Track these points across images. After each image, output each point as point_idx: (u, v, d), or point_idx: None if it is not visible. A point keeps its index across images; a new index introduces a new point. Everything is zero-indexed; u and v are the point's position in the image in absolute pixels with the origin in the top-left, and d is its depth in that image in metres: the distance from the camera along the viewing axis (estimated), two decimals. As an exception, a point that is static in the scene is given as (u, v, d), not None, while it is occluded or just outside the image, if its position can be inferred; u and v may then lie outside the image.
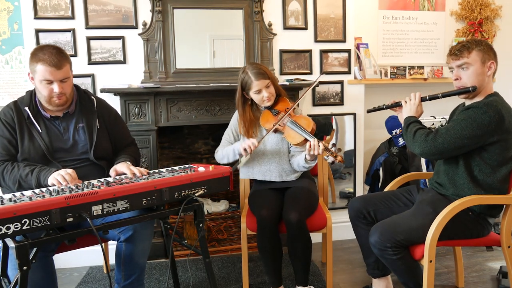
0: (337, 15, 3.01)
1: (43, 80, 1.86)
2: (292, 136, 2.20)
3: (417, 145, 1.87)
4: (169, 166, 2.86)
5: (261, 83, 2.22)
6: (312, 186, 2.37)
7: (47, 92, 1.89)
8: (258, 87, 2.23)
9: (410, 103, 2.03)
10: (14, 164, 1.88)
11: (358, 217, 2.16)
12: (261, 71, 2.23)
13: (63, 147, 1.99)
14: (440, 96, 2.00)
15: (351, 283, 2.51)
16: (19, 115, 1.93)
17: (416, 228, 1.85)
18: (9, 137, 1.92)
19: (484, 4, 3.53)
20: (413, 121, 1.97)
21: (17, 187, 1.85)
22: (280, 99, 2.33)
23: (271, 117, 2.28)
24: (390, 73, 3.44)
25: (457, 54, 1.90)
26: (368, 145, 3.41)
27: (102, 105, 2.14)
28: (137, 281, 2.01)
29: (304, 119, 2.23)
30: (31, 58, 1.88)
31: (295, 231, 2.09)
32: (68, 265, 2.77)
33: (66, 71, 1.90)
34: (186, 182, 1.80)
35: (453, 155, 1.88)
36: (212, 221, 3.01)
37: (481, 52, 1.88)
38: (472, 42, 1.90)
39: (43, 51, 1.86)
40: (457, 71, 1.92)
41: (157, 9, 2.71)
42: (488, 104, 1.81)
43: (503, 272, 2.42)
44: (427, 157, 1.90)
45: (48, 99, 1.92)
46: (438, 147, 1.83)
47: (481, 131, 1.79)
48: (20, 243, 1.45)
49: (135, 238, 1.91)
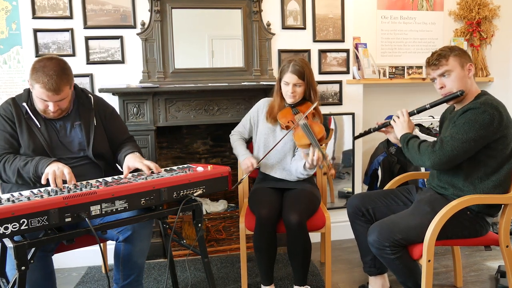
0: (336, 15, 3.01)
1: (39, 98, 1.85)
2: (300, 137, 2.21)
3: (426, 158, 1.86)
4: (168, 166, 2.86)
5: (292, 78, 2.23)
6: (315, 190, 2.37)
7: (42, 107, 1.89)
8: (288, 80, 2.24)
9: (400, 121, 2.03)
10: (16, 155, 1.89)
11: (357, 214, 2.16)
12: (300, 69, 2.22)
13: (60, 144, 1.99)
14: (428, 107, 2.01)
15: (349, 283, 2.52)
16: (17, 110, 1.93)
17: (414, 228, 1.86)
18: (10, 131, 1.91)
19: (483, 4, 3.54)
20: (411, 137, 1.97)
21: (16, 177, 1.84)
22: (306, 103, 2.33)
23: (289, 114, 2.31)
24: (388, 73, 3.45)
25: (435, 64, 1.91)
26: (367, 144, 3.41)
27: (99, 103, 2.14)
28: (136, 281, 2.00)
29: (318, 126, 2.25)
30: (32, 72, 1.82)
31: (295, 233, 2.09)
32: (67, 265, 2.76)
33: (64, 94, 1.86)
34: (184, 182, 1.80)
35: (462, 160, 1.86)
36: (211, 221, 3.01)
37: (458, 57, 1.90)
38: (446, 49, 1.93)
39: (44, 72, 1.79)
40: (440, 79, 1.94)
41: (155, 8, 2.70)
42: (485, 103, 1.82)
43: (502, 271, 2.42)
44: (438, 168, 1.89)
45: (43, 112, 1.92)
46: (447, 155, 1.81)
47: (484, 130, 1.79)
48: (18, 243, 1.44)
49: (134, 238, 1.91)
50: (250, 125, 2.47)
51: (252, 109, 2.49)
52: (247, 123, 2.48)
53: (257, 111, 2.45)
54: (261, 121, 2.43)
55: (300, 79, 2.23)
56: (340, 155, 3.15)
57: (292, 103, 2.31)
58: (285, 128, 2.29)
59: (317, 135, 2.18)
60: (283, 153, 2.36)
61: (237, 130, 2.51)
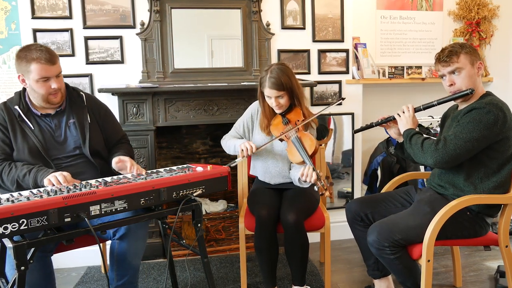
0: (335, 15, 3.01)
1: (40, 78, 1.86)
2: (293, 153, 2.17)
3: (429, 156, 1.84)
4: (167, 166, 2.86)
5: (272, 92, 2.16)
6: (313, 191, 2.36)
7: (45, 90, 1.89)
8: (268, 94, 2.18)
9: (404, 116, 2.01)
10: (12, 164, 1.88)
11: (356, 219, 2.15)
12: (277, 81, 2.13)
13: (55, 143, 1.99)
14: (435, 103, 1.99)
15: (349, 283, 2.52)
16: (9, 114, 1.93)
17: (414, 228, 1.86)
18: (2, 137, 1.92)
19: (482, 4, 3.54)
20: (414, 133, 1.96)
21: (16, 187, 1.85)
22: (295, 109, 2.25)
23: (280, 125, 2.25)
24: (388, 73, 3.45)
25: (446, 60, 1.89)
26: (366, 144, 3.41)
27: (92, 100, 2.15)
28: (130, 283, 1.98)
29: (309, 139, 2.15)
30: (20, 60, 1.88)
31: (292, 232, 2.09)
32: (66, 265, 2.76)
33: (59, 65, 1.94)
34: (184, 182, 1.80)
35: (465, 159, 1.85)
36: (210, 221, 3.01)
37: (468, 55, 1.89)
38: (457, 46, 1.91)
39: (31, 51, 1.86)
40: (449, 77, 1.92)
41: (155, 8, 2.70)
42: (490, 103, 1.82)
43: (501, 271, 2.43)
44: (441, 166, 1.88)
45: (46, 97, 1.92)
46: (450, 154, 1.80)
47: (488, 131, 1.79)
48: (17, 243, 1.44)
49: (128, 236, 1.90)
50: (243, 129, 2.39)
51: (245, 113, 2.42)
52: (240, 128, 2.40)
53: (251, 115, 2.38)
54: (256, 129, 2.36)
55: (280, 91, 2.15)
56: (340, 155, 3.15)
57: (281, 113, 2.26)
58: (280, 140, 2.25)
59: (308, 150, 2.11)
60: (281, 162, 2.32)
61: (228, 135, 2.43)
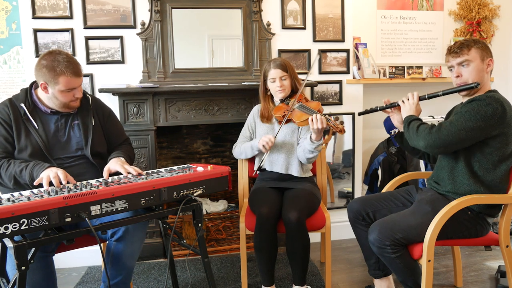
0: (336, 15, 3.01)
1: (66, 89, 1.89)
2: (298, 116, 2.24)
3: (421, 138, 1.87)
4: (168, 166, 2.86)
5: (277, 72, 2.33)
6: (315, 190, 2.37)
7: (68, 99, 1.93)
8: (273, 76, 2.34)
9: (408, 103, 2.03)
10: (11, 161, 1.88)
11: (357, 219, 2.16)
12: (282, 63, 2.35)
13: (58, 143, 1.99)
14: (440, 94, 2.00)
15: (349, 283, 2.51)
16: (15, 111, 1.93)
17: (415, 227, 1.86)
18: (5, 134, 1.91)
19: (483, 4, 3.54)
20: (414, 118, 1.98)
21: (13, 183, 1.84)
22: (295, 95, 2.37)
23: (283, 106, 2.37)
24: (388, 72, 3.45)
25: (457, 52, 1.92)
26: (367, 144, 3.41)
27: (97, 103, 2.15)
28: (123, 283, 1.96)
29: (313, 103, 2.33)
30: (47, 70, 1.85)
31: (294, 231, 2.09)
32: (67, 265, 2.76)
33: (82, 76, 1.97)
34: (184, 182, 1.80)
35: (457, 148, 1.87)
36: (211, 221, 3.01)
37: (480, 50, 1.91)
38: (470, 40, 1.94)
39: (59, 63, 1.85)
40: (458, 68, 1.94)
41: (155, 8, 2.70)
42: (491, 96, 1.83)
43: (502, 271, 2.43)
44: (431, 151, 1.90)
45: (67, 104, 1.95)
46: (442, 139, 1.82)
47: (484, 122, 1.79)
48: (18, 243, 1.44)
49: (125, 238, 1.89)
50: (249, 132, 2.51)
51: (248, 117, 2.55)
52: (246, 132, 2.52)
53: (253, 117, 2.51)
54: (258, 124, 2.47)
55: (284, 72, 2.34)
56: (340, 155, 3.15)
57: (283, 98, 2.37)
58: (282, 117, 2.32)
59: (314, 108, 2.23)
60: (285, 147, 2.38)
61: (238, 142, 2.52)
